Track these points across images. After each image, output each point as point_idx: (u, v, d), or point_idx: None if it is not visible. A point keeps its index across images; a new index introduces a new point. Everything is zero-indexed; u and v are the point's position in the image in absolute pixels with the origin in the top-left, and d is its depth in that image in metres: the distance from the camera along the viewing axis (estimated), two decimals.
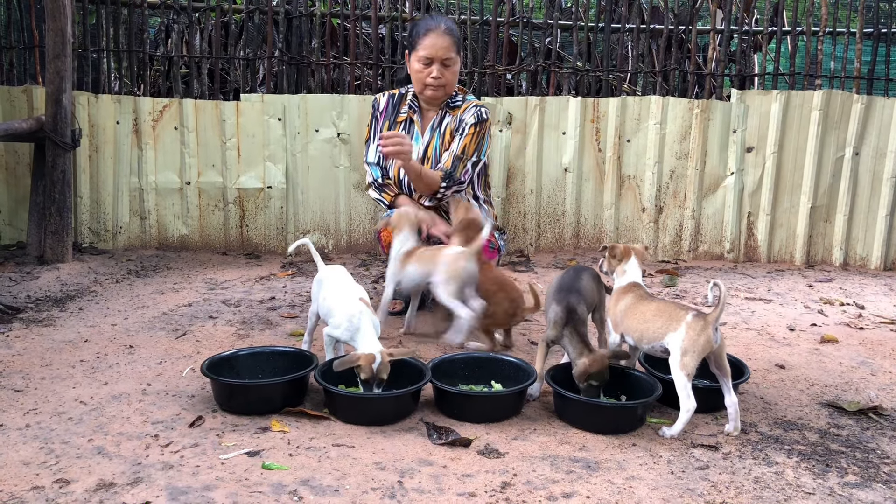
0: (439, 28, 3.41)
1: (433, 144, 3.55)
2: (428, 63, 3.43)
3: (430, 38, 3.40)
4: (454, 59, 3.45)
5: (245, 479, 2.03)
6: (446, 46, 3.40)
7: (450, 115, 3.57)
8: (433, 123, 3.58)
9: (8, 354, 2.97)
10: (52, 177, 4.35)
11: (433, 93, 3.49)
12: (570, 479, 2.09)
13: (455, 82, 3.54)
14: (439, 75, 3.44)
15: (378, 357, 2.42)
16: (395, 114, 3.64)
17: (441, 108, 3.58)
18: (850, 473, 2.17)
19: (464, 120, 3.53)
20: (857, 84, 5.11)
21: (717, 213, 5.11)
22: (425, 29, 3.43)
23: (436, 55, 3.41)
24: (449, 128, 3.55)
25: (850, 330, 3.62)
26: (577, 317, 2.55)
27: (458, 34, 3.49)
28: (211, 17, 5.11)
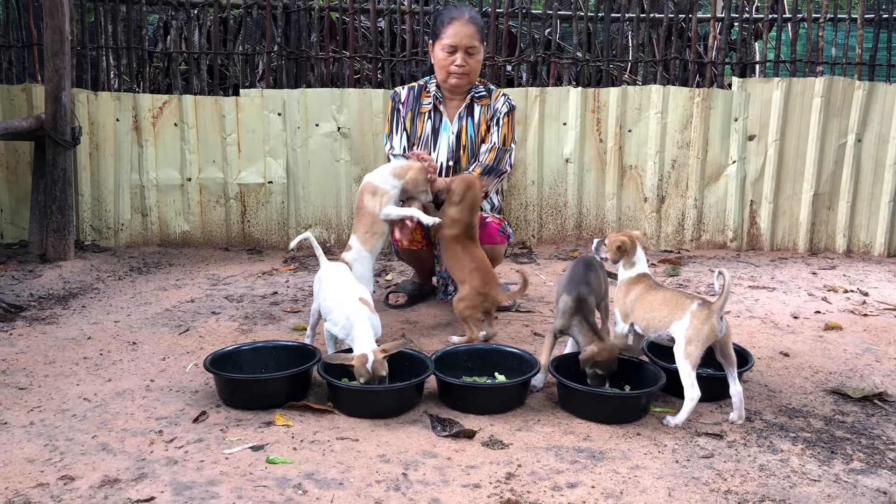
0: (463, 17, 3.42)
1: (466, 133, 3.56)
2: (452, 51, 3.43)
3: (455, 26, 3.41)
4: (478, 48, 3.46)
5: (249, 474, 2.03)
6: (470, 34, 3.41)
7: (478, 105, 3.58)
8: (461, 112, 3.58)
9: (11, 352, 2.97)
10: (53, 175, 4.35)
11: (457, 80, 3.49)
12: (574, 469, 2.08)
13: (478, 71, 3.55)
14: (463, 63, 3.44)
15: (370, 356, 2.41)
16: (418, 105, 3.62)
17: (465, 98, 3.58)
18: (855, 460, 2.17)
19: (498, 109, 3.57)
20: (858, 70, 5.09)
21: (720, 202, 5.10)
22: (449, 17, 3.45)
23: (460, 43, 3.41)
24: (483, 118, 3.57)
25: (855, 317, 3.61)
26: (587, 306, 2.55)
27: (482, 23, 3.51)
28: (209, 13, 5.10)
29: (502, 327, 3.36)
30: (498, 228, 3.49)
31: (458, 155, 3.54)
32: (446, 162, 3.55)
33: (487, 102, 3.59)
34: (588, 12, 5.21)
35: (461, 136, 3.56)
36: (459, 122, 3.57)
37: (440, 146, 3.56)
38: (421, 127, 3.59)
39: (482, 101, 3.59)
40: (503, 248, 3.59)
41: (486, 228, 3.43)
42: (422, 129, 3.59)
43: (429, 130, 3.58)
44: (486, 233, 3.43)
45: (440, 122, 3.58)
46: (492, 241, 3.45)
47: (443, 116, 3.58)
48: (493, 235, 3.46)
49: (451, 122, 3.58)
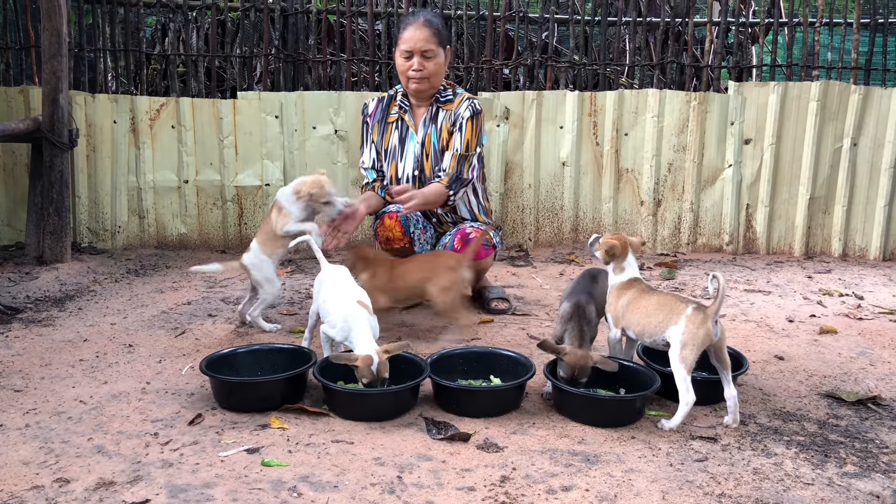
0: (418, 21, 3.43)
1: (430, 139, 3.55)
2: (408, 56, 3.45)
3: (409, 30, 3.43)
4: (434, 51, 3.44)
5: (245, 477, 2.04)
6: (425, 38, 3.41)
7: (443, 111, 3.57)
8: (425, 118, 3.58)
9: (7, 354, 2.97)
10: (50, 177, 4.35)
11: (417, 85, 3.49)
12: (569, 472, 2.09)
13: (440, 74, 3.52)
14: (420, 67, 3.44)
15: (375, 357, 2.42)
16: (386, 115, 3.64)
17: (431, 103, 3.58)
18: (848, 463, 2.17)
19: (459, 114, 3.52)
20: (854, 74, 5.11)
21: (716, 206, 5.11)
22: (405, 24, 3.48)
23: (414, 47, 3.42)
24: (445, 123, 3.55)
25: (849, 320, 3.62)
26: (584, 314, 2.55)
27: (438, 25, 3.48)
28: (207, 16, 5.10)
29: (498, 330, 3.37)
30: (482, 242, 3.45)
31: (422, 164, 3.55)
32: (412, 171, 3.55)
33: (450, 108, 3.56)
34: (585, 16, 5.22)
35: (425, 143, 3.56)
36: (424, 129, 3.57)
37: (406, 156, 3.57)
38: (388, 138, 3.61)
39: (447, 106, 3.57)
40: (488, 260, 3.60)
41: (468, 244, 3.40)
42: (389, 140, 3.61)
43: (396, 141, 3.59)
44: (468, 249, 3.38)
45: (406, 132, 3.59)
46: (476, 256, 3.42)
47: (408, 126, 3.58)
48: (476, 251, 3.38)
49: (417, 130, 3.58)
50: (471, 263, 3.25)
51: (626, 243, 2.65)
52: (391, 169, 3.59)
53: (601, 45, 5.24)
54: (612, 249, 2.63)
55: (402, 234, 3.47)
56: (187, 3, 5.01)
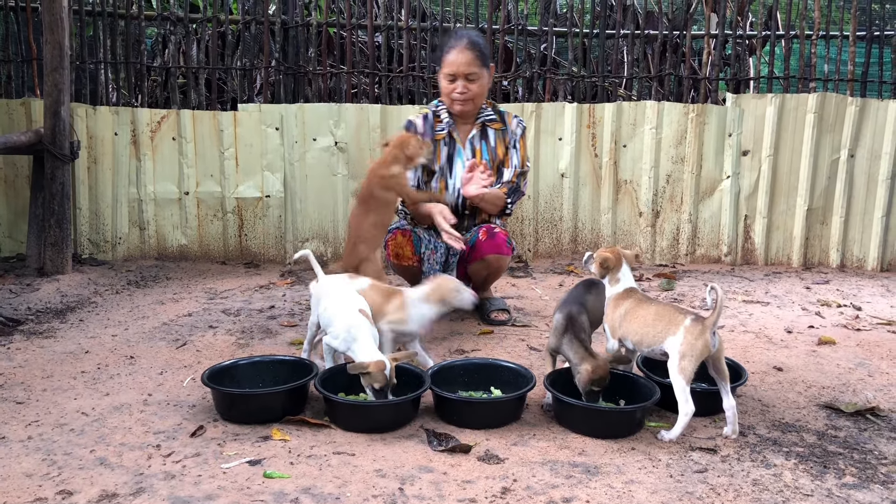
0: (461, 43, 3.46)
1: (481, 157, 3.60)
2: (452, 79, 3.48)
3: (453, 54, 3.45)
4: (478, 74, 3.48)
5: (247, 488, 2.04)
6: (468, 61, 3.44)
7: (491, 129, 3.63)
8: (473, 136, 3.62)
9: (9, 367, 2.98)
10: (51, 189, 4.37)
11: (461, 107, 3.53)
12: (569, 483, 2.10)
13: (483, 95, 3.57)
14: (464, 89, 3.47)
15: (388, 363, 2.44)
16: (433, 133, 3.64)
17: (475, 122, 3.62)
18: (847, 475, 2.18)
19: (514, 133, 3.65)
20: (850, 87, 5.14)
21: (714, 217, 5.13)
22: (448, 46, 3.49)
23: (458, 71, 3.45)
24: (499, 141, 3.63)
25: (848, 331, 3.64)
26: (578, 325, 2.56)
27: (481, 47, 3.51)
28: (207, 28, 5.14)
29: (498, 341, 3.38)
30: (505, 239, 3.52)
31: None
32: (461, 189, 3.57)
33: (501, 127, 3.64)
34: (583, 28, 5.25)
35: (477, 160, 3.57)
36: (472, 146, 3.61)
37: (455, 173, 3.59)
38: (438, 155, 3.62)
39: (494, 125, 3.63)
40: (508, 260, 3.61)
41: (494, 238, 3.47)
42: (439, 158, 3.62)
43: (444, 158, 3.60)
44: (495, 242, 3.47)
45: (454, 149, 3.62)
46: (499, 251, 3.48)
47: (456, 143, 3.61)
48: (500, 246, 3.49)
49: (465, 147, 3.61)
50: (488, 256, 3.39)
51: (619, 255, 2.67)
52: (440, 185, 3.61)
53: (600, 58, 5.27)
54: (606, 262, 2.65)
55: (412, 252, 3.48)
56: (188, 15, 5.05)
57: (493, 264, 3.52)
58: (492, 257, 3.48)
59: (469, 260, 3.52)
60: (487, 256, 3.48)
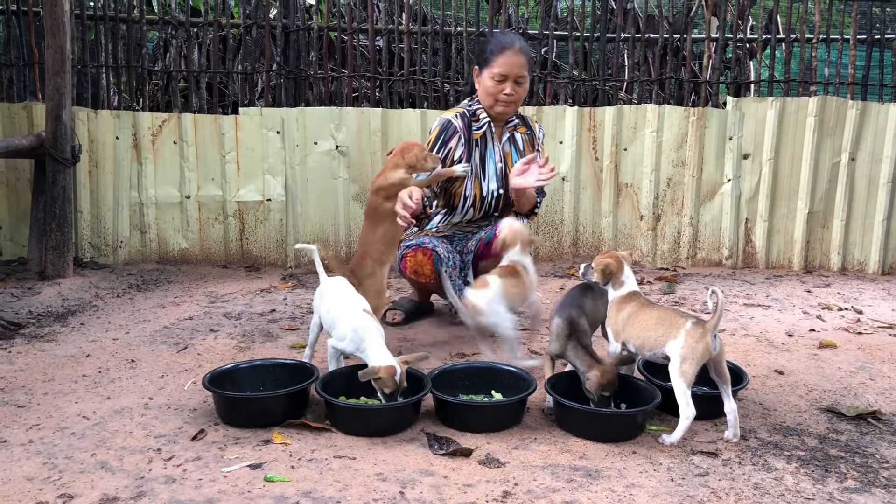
0: (514, 46, 3.43)
1: (512, 160, 3.59)
2: (502, 80, 3.44)
3: (506, 55, 3.42)
4: (526, 78, 3.48)
5: (247, 492, 2.05)
6: (521, 64, 3.43)
7: (517, 132, 3.65)
8: (504, 139, 3.63)
9: (10, 370, 2.98)
10: (53, 192, 4.37)
11: (504, 108, 3.51)
12: (570, 487, 2.10)
13: (522, 101, 3.58)
14: (512, 92, 3.44)
15: (398, 368, 2.44)
16: (470, 132, 3.59)
17: (506, 126, 3.63)
18: (849, 479, 2.18)
19: (538, 138, 3.70)
20: (851, 90, 5.15)
21: (715, 220, 5.13)
22: (500, 46, 3.44)
23: (510, 73, 3.42)
24: (526, 144, 3.65)
25: (849, 335, 3.64)
26: (580, 329, 2.55)
27: (530, 54, 3.53)
28: (209, 32, 5.14)
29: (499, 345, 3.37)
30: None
31: (506, 183, 3.55)
32: (496, 190, 3.57)
33: (526, 131, 3.67)
34: (584, 32, 5.26)
35: (507, 163, 3.58)
36: (503, 149, 3.61)
37: (489, 175, 3.57)
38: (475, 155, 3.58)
39: (520, 129, 3.65)
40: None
41: None
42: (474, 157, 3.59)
43: (477, 159, 3.58)
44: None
45: (486, 150, 3.59)
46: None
47: (487, 144, 3.59)
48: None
49: (495, 150, 3.61)
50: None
51: (620, 259, 2.66)
52: (474, 187, 3.56)
53: (600, 61, 5.28)
54: (608, 268, 2.63)
55: (432, 272, 3.42)
56: (189, 19, 5.06)
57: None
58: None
59: (482, 256, 3.50)
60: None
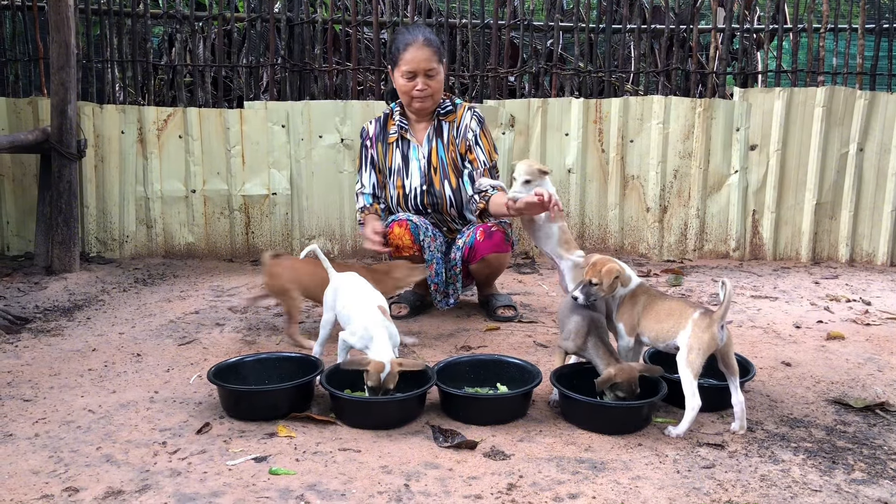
0: (418, 41, 3.42)
1: (437, 154, 3.59)
2: (411, 77, 3.45)
3: (410, 51, 3.42)
4: (436, 70, 3.46)
5: (252, 485, 2.04)
6: (427, 57, 3.42)
7: (445, 122, 3.61)
8: (429, 133, 3.61)
9: (17, 364, 2.99)
10: (59, 187, 4.38)
11: (421, 104, 3.52)
12: (576, 479, 2.09)
13: (441, 90, 3.56)
14: (424, 87, 3.46)
15: (387, 367, 2.42)
16: (385, 135, 3.66)
17: (431, 119, 3.61)
18: (856, 470, 2.17)
19: (468, 127, 3.59)
20: (859, 80, 5.11)
21: (722, 212, 5.11)
22: (404, 44, 3.45)
23: (418, 68, 3.43)
24: (451, 136, 3.59)
25: (857, 326, 3.61)
26: (600, 326, 2.54)
27: (437, 43, 3.50)
28: (213, 26, 5.14)
29: (504, 337, 3.37)
30: (503, 237, 3.50)
31: (430, 177, 3.58)
32: (420, 186, 3.58)
33: (453, 119, 3.61)
34: (590, 23, 5.23)
35: (431, 157, 3.59)
36: (429, 144, 3.60)
37: (412, 172, 3.60)
38: (391, 157, 3.63)
39: (448, 118, 3.61)
40: (507, 257, 3.61)
41: (491, 237, 3.46)
42: (392, 160, 3.63)
43: (399, 160, 3.62)
44: (492, 242, 3.46)
45: (409, 149, 3.61)
46: (497, 249, 3.48)
47: (410, 143, 3.60)
48: (498, 244, 3.48)
49: (421, 146, 3.60)
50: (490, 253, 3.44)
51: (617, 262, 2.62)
52: (397, 186, 3.61)
53: (606, 53, 5.25)
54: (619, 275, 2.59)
55: (412, 242, 3.48)
56: (194, 13, 5.05)
57: (493, 263, 3.53)
58: (491, 256, 3.49)
59: (469, 261, 3.52)
60: (487, 256, 3.48)
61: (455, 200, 3.60)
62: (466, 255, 3.52)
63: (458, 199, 3.60)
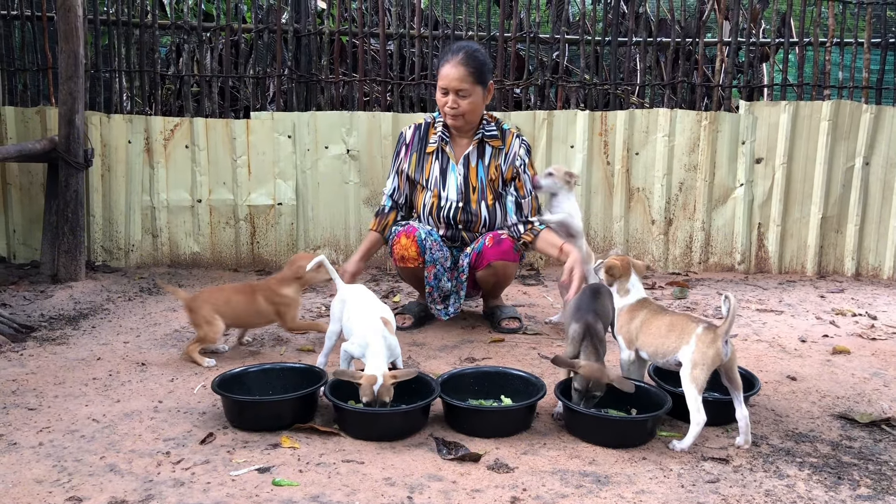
0: (456, 58, 3.40)
1: (477, 174, 3.57)
2: (445, 92, 3.45)
3: (446, 67, 3.42)
4: (469, 90, 3.41)
5: (255, 496, 2.04)
6: (459, 77, 3.38)
7: (489, 146, 3.58)
8: (469, 152, 3.58)
9: (22, 373, 3.00)
10: (65, 196, 4.40)
11: (453, 121, 3.50)
12: (579, 493, 2.08)
13: (476, 112, 3.50)
14: (455, 104, 3.43)
15: (379, 380, 2.42)
16: (424, 145, 3.64)
17: (473, 137, 3.58)
18: (862, 486, 2.16)
19: (518, 154, 3.58)
20: (865, 94, 5.11)
21: (728, 225, 5.10)
22: (444, 58, 3.46)
23: (449, 86, 3.42)
24: (494, 161, 3.57)
25: (863, 341, 3.60)
26: (595, 333, 2.55)
27: (477, 63, 3.42)
28: (221, 37, 5.17)
29: (509, 349, 3.37)
30: (512, 245, 3.50)
31: (467, 195, 3.56)
32: (456, 202, 3.56)
33: (500, 145, 3.58)
34: (595, 36, 5.25)
35: (470, 176, 3.57)
36: (468, 162, 3.58)
37: (448, 186, 3.58)
38: (429, 168, 3.61)
39: (493, 142, 3.58)
40: (515, 266, 3.60)
41: (500, 245, 3.46)
42: (429, 170, 3.61)
43: (437, 172, 3.59)
44: (501, 249, 3.45)
45: (447, 164, 3.60)
46: (505, 257, 3.47)
47: (450, 159, 3.59)
48: (507, 252, 3.47)
49: (458, 163, 3.59)
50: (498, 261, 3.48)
51: (627, 264, 2.65)
52: (434, 195, 3.59)
53: (612, 65, 5.26)
54: (612, 270, 2.64)
55: (418, 254, 3.48)
56: (201, 24, 5.08)
57: (499, 271, 3.51)
58: (498, 264, 3.47)
59: (476, 267, 3.52)
60: (494, 263, 3.47)
61: (489, 221, 3.59)
62: (474, 261, 3.51)
63: (493, 219, 3.59)
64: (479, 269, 3.51)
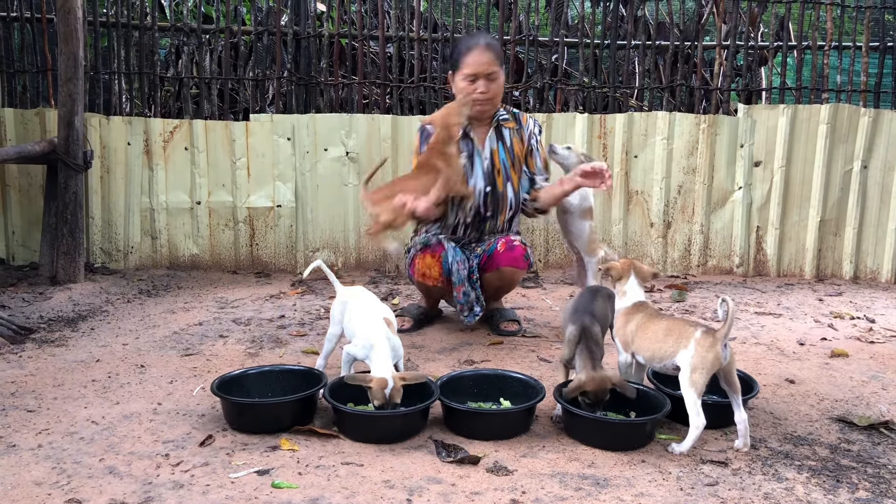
0: (480, 45, 3.44)
1: (499, 157, 3.58)
2: (473, 79, 3.45)
3: (473, 55, 3.43)
4: (497, 73, 3.47)
5: (255, 498, 2.04)
6: (488, 61, 3.43)
7: (506, 129, 3.62)
8: (490, 136, 3.60)
9: (21, 375, 3.00)
10: (65, 198, 4.40)
11: (481, 107, 3.51)
12: (579, 496, 2.08)
13: (500, 95, 3.56)
14: (486, 89, 3.45)
15: (390, 382, 2.43)
16: None
17: (491, 123, 3.60)
18: (860, 489, 2.16)
19: (532, 133, 3.67)
20: (863, 97, 5.12)
21: (726, 228, 5.11)
22: (466, 47, 3.47)
23: (479, 71, 3.43)
24: (514, 139, 3.62)
25: (861, 344, 3.61)
26: (591, 336, 2.55)
27: (498, 48, 3.52)
28: (220, 39, 5.17)
29: (508, 352, 3.37)
30: (523, 253, 3.50)
31: (493, 179, 3.57)
32: (484, 188, 3.57)
33: (515, 126, 3.63)
34: (594, 39, 5.26)
35: (494, 160, 3.58)
36: (490, 146, 3.60)
37: (476, 173, 3.58)
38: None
39: (508, 125, 3.62)
40: (522, 274, 3.60)
41: (512, 251, 3.47)
42: None
43: (464, 158, 3.59)
44: (512, 255, 3.46)
45: (473, 149, 3.60)
46: (515, 264, 3.48)
47: (474, 144, 3.60)
48: (517, 259, 3.48)
49: (483, 148, 3.61)
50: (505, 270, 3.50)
51: (628, 266, 2.65)
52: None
53: (611, 68, 5.27)
54: (609, 272, 2.64)
55: (440, 275, 3.48)
56: (201, 26, 5.08)
57: (507, 276, 3.52)
58: (507, 269, 3.48)
59: (485, 268, 3.52)
60: (503, 268, 3.47)
61: (514, 203, 3.62)
62: (483, 263, 3.51)
63: (517, 202, 3.63)
64: (487, 270, 3.51)
